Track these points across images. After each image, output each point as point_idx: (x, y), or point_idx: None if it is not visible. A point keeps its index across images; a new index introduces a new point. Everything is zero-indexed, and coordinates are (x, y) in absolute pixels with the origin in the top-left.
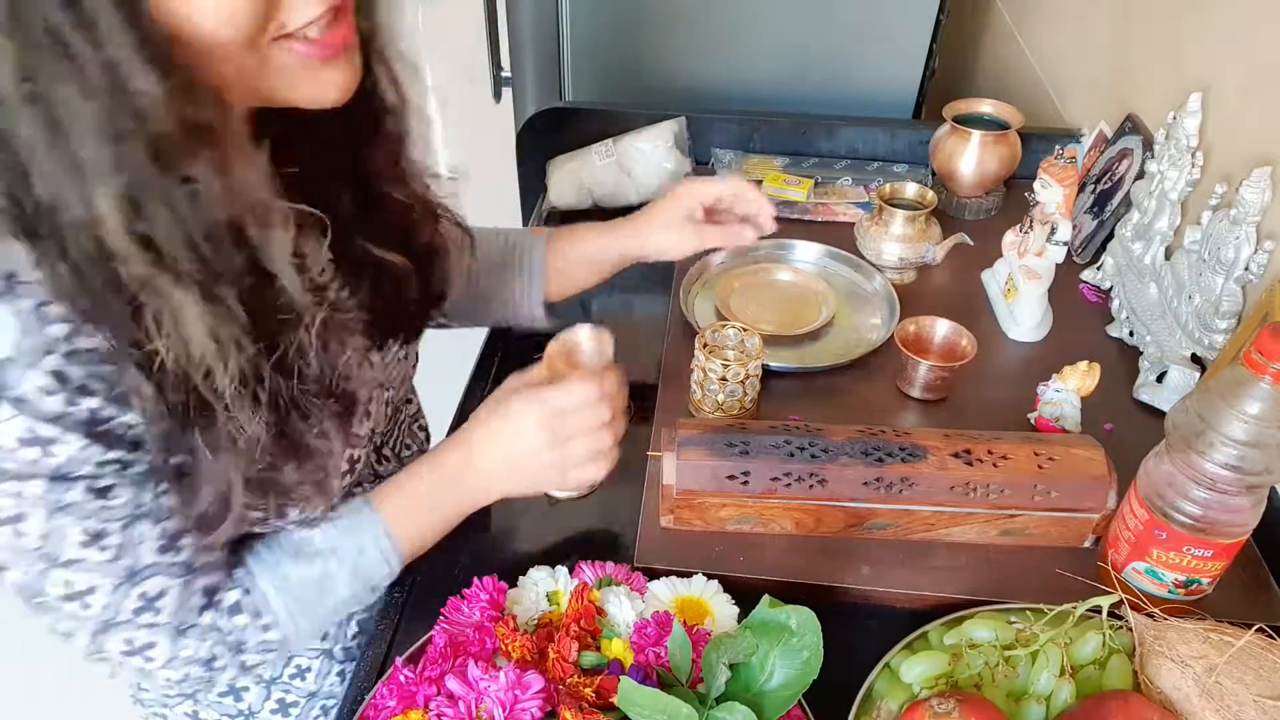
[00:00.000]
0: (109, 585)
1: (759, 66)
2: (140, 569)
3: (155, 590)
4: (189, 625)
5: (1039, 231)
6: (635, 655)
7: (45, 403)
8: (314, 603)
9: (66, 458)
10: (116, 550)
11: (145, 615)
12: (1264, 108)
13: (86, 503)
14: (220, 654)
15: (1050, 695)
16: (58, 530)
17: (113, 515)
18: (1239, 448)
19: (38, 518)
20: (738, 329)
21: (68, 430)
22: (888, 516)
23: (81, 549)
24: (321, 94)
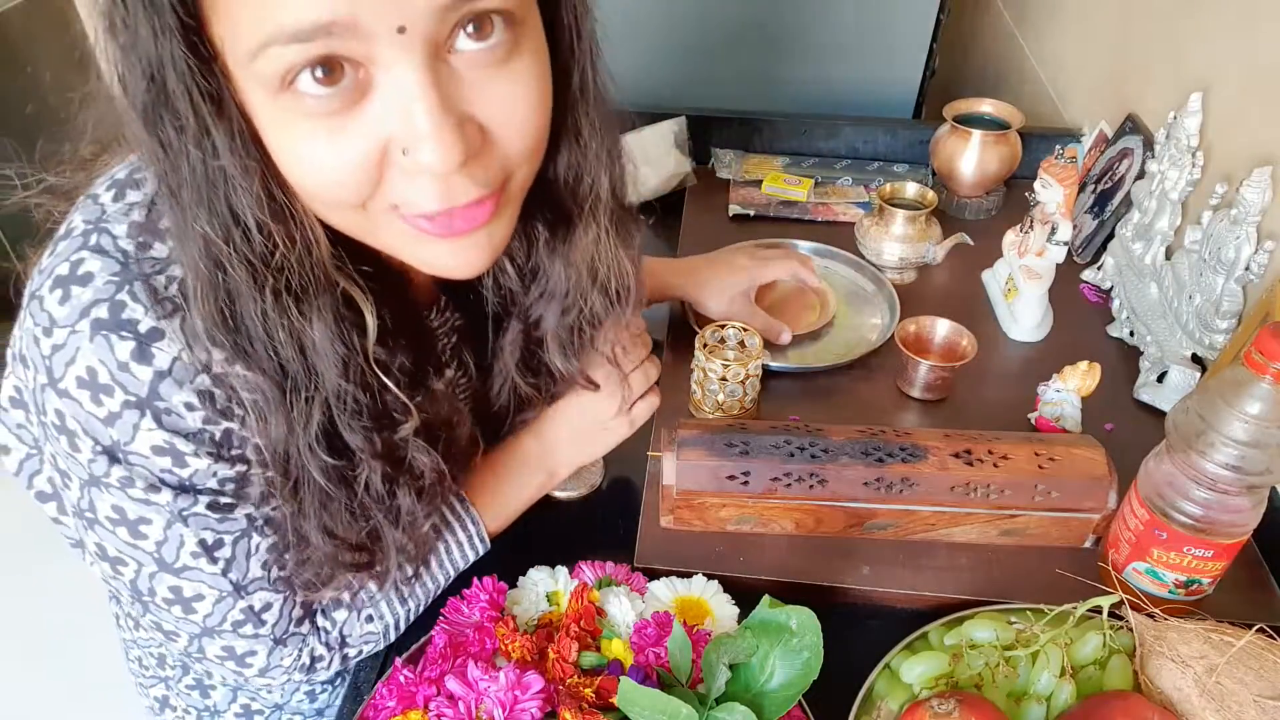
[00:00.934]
0: (214, 596)
1: (759, 66)
2: (246, 583)
3: (261, 604)
4: (289, 635)
5: (1039, 231)
6: (635, 655)
7: (188, 419)
8: (411, 593)
9: (194, 470)
10: (226, 563)
11: (248, 627)
12: (1265, 107)
13: (206, 515)
14: (323, 654)
15: (1051, 695)
16: (175, 537)
17: (228, 528)
18: (1239, 448)
19: (159, 523)
20: (738, 329)
21: (200, 446)
22: (888, 517)
23: (194, 559)
24: (441, 266)
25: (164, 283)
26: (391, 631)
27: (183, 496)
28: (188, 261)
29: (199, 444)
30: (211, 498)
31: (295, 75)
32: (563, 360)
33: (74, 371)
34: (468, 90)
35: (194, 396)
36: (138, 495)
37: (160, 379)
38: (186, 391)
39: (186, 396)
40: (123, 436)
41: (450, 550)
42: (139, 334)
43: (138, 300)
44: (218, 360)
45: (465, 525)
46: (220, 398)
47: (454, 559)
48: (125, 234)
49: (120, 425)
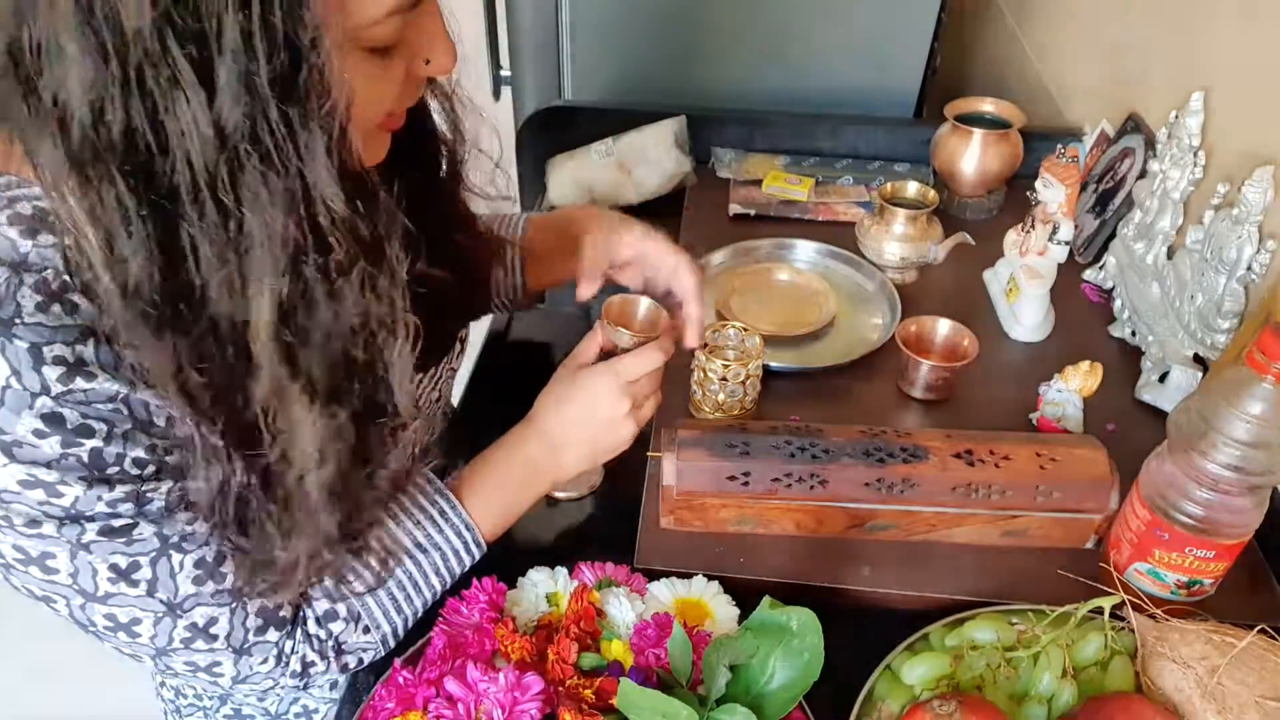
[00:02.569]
0: (150, 618)
1: (760, 66)
2: (180, 601)
3: (203, 619)
4: (249, 646)
5: (1041, 231)
6: (635, 657)
7: (41, 446)
8: (408, 601)
9: (73, 499)
10: (149, 584)
11: (199, 642)
12: (1266, 107)
13: (107, 541)
14: (315, 660)
15: (1052, 697)
16: (85, 567)
17: (140, 549)
18: (1241, 448)
19: (63, 556)
20: (738, 329)
21: (66, 473)
22: (889, 517)
23: (112, 585)
24: (375, 157)
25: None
26: (390, 639)
27: (70, 526)
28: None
29: (65, 471)
30: (104, 523)
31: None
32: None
33: None
34: None
35: (39, 422)
36: (26, 532)
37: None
38: (28, 419)
39: (31, 424)
40: None
41: (446, 556)
42: None
43: None
44: (54, 376)
45: (459, 530)
46: (71, 417)
47: (450, 565)
48: None
49: None
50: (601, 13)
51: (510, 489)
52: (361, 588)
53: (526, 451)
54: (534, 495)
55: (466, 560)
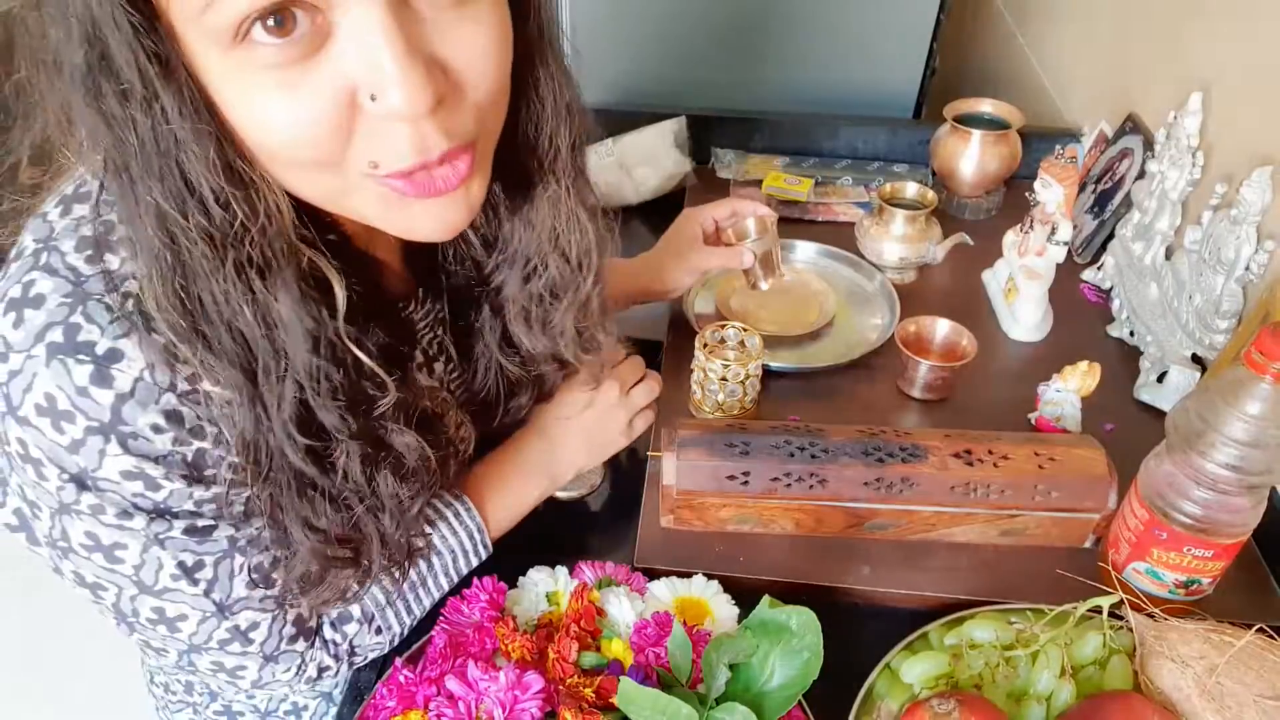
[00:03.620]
0: (198, 616)
1: (759, 66)
2: (231, 603)
3: (247, 624)
4: (280, 653)
5: (1039, 231)
6: (635, 655)
7: (155, 442)
8: (418, 601)
9: (168, 494)
10: (208, 584)
11: (235, 645)
12: (1265, 107)
13: (185, 539)
14: (329, 664)
15: (1051, 695)
16: (153, 560)
17: (210, 550)
18: (1239, 448)
19: (134, 548)
20: (738, 329)
21: (171, 469)
22: (888, 517)
23: (173, 581)
24: (420, 229)
25: (119, 300)
26: (398, 639)
27: (157, 521)
28: (142, 243)
29: (169, 467)
30: (189, 521)
31: (248, 26)
32: (526, 332)
33: (32, 399)
34: (431, 31)
35: (160, 418)
36: (110, 522)
37: (122, 402)
38: (152, 413)
39: (152, 418)
40: (89, 464)
41: (457, 558)
42: (96, 356)
43: (93, 321)
44: (183, 375)
45: (472, 533)
46: (189, 416)
47: (458, 565)
48: (74, 249)
49: (85, 452)
50: (601, 13)
51: (514, 490)
52: (380, 592)
53: (526, 453)
54: (536, 494)
55: (474, 561)
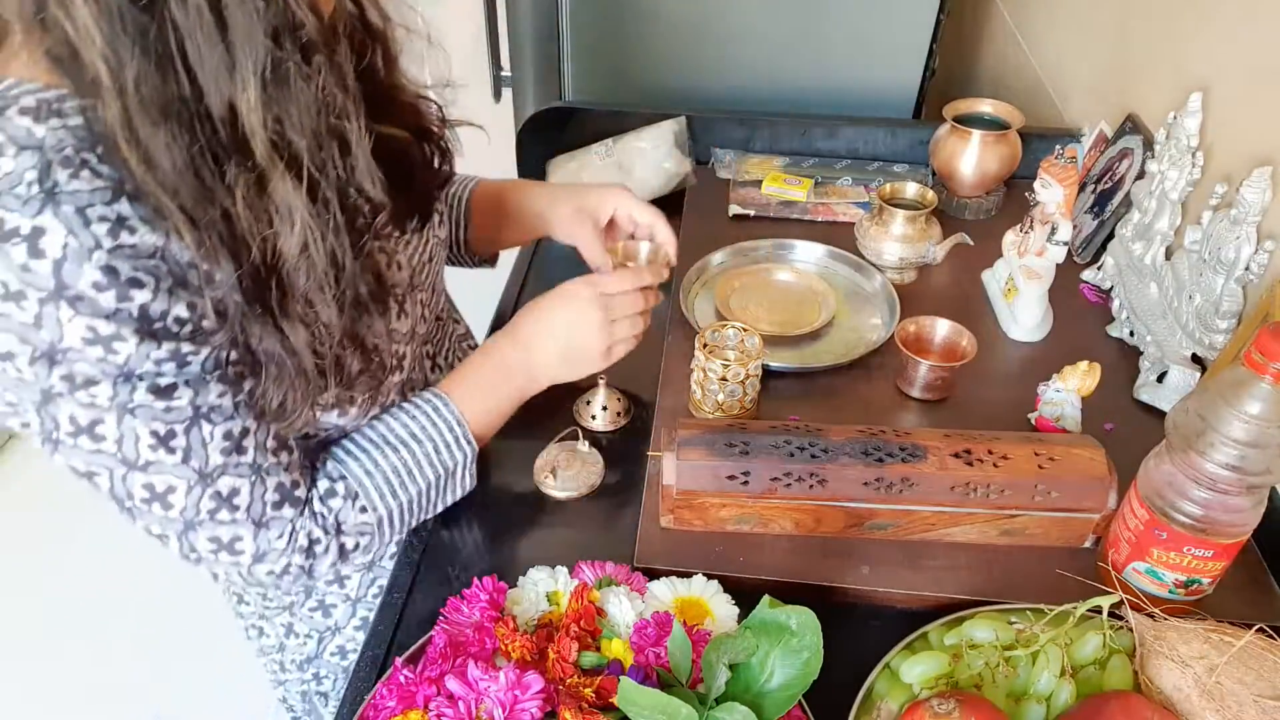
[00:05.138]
0: (184, 486)
1: (759, 66)
2: (210, 470)
3: (228, 489)
4: (268, 519)
5: (1039, 231)
6: (635, 655)
7: (100, 299)
8: (403, 487)
9: (126, 356)
10: (184, 452)
11: (223, 513)
12: (1264, 108)
13: (151, 403)
14: (320, 537)
15: (1051, 695)
16: (129, 433)
17: (176, 417)
18: (1239, 448)
19: (111, 422)
20: (738, 329)
21: (122, 326)
22: (888, 516)
23: (152, 451)
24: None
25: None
26: (385, 527)
27: (122, 386)
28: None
29: (120, 323)
30: (150, 382)
31: None
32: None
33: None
34: None
35: (98, 274)
36: (84, 399)
37: (59, 267)
38: (89, 271)
39: (91, 276)
40: (53, 336)
41: (439, 448)
42: (24, 236)
43: (10, 210)
44: (104, 232)
45: (451, 424)
46: (124, 270)
47: (442, 458)
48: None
49: (47, 324)
50: (601, 13)
51: (488, 392)
52: (358, 468)
53: (501, 355)
54: (512, 397)
55: (458, 456)
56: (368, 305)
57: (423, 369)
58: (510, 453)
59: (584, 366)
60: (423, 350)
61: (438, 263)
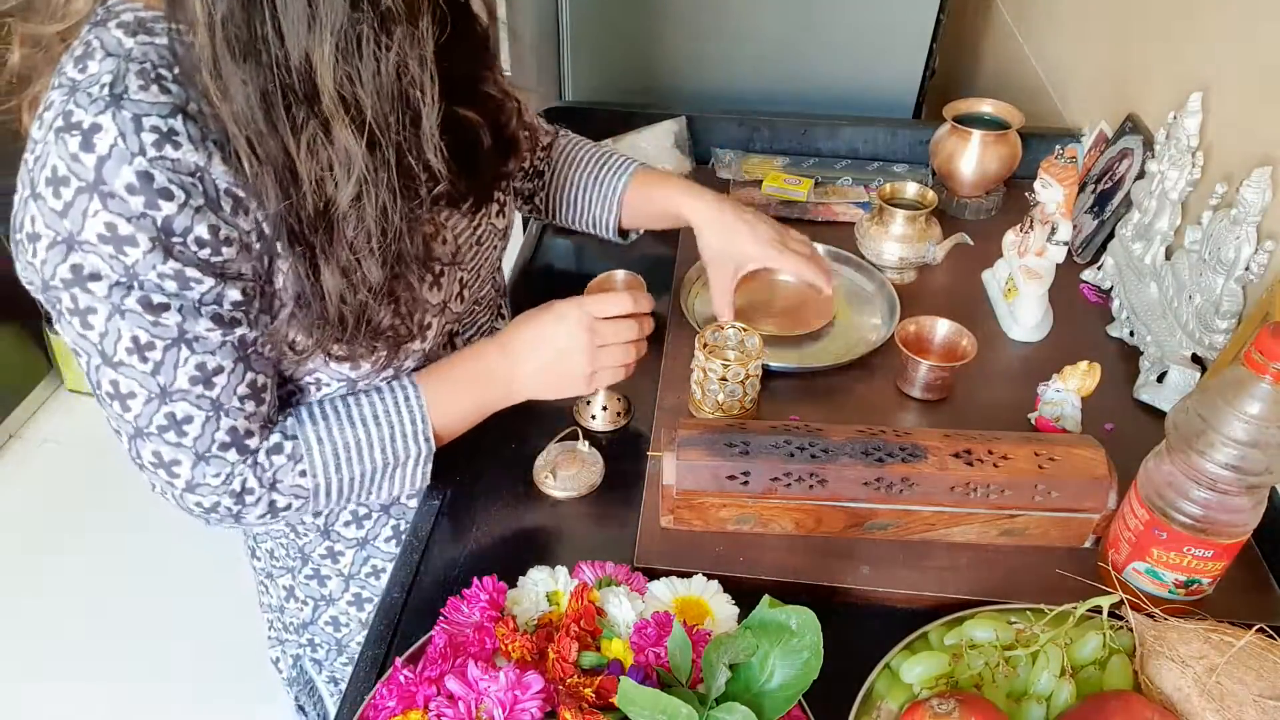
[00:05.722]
0: (143, 396)
1: (759, 66)
2: (171, 390)
3: (182, 414)
4: (209, 455)
5: (1039, 231)
6: (635, 655)
7: (130, 201)
8: (349, 462)
9: (135, 260)
10: (155, 365)
11: (170, 434)
12: (1265, 107)
13: (140, 313)
14: (254, 488)
15: (1051, 695)
16: (114, 330)
17: (160, 333)
18: (1239, 448)
19: (101, 315)
20: (738, 329)
21: (141, 231)
22: (888, 517)
23: (128, 354)
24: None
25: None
26: (321, 495)
27: (118, 289)
28: None
29: (139, 229)
30: (145, 294)
31: None
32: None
33: (44, 174)
34: None
35: (134, 178)
36: (87, 287)
37: (102, 163)
38: (126, 173)
39: (127, 178)
40: (75, 226)
41: (395, 435)
42: (83, 129)
43: (79, 105)
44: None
45: (414, 418)
46: (159, 179)
47: (395, 448)
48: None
49: (73, 214)
50: (601, 13)
51: (464, 393)
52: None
53: (486, 360)
54: (486, 404)
55: (412, 449)
56: (410, 266)
57: (439, 345)
58: (510, 453)
59: (566, 388)
60: (449, 327)
61: (488, 248)
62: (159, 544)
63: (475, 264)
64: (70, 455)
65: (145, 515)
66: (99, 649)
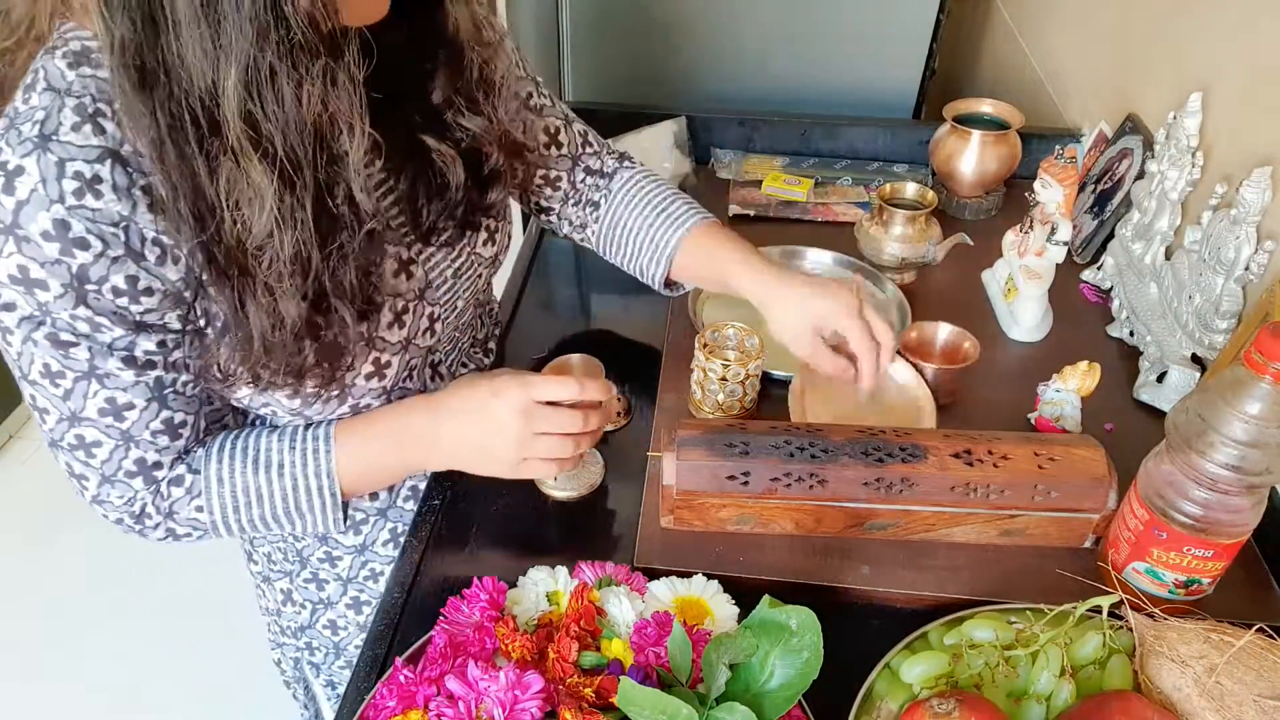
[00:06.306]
0: (55, 414)
1: (759, 66)
2: (81, 416)
3: (91, 439)
4: (117, 480)
5: (1039, 231)
6: (635, 655)
7: (45, 247)
8: (247, 506)
9: (44, 302)
10: (66, 393)
11: (80, 453)
12: (1264, 108)
13: (50, 347)
14: (152, 514)
15: (1050, 695)
16: (27, 353)
17: (71, 365)
18: (1239, 448)
19: (16, 339)
20: (738, 329)
21: (53, 277)
22: (888, 517)
23: (40, 377)
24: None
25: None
26: (220, 528)
27: (27, 323)
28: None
29: (52, 275)
30: (52, 330)
31: None
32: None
33: None
34: None
35: (49, 225)
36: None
37: (20, 208)
38: (43, 219)
39: (43, 225)
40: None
41: (297, 490)
42: (7, 170)
43: (9, 145)
44: (70, 190)
45: (320, 474)
46: (76, 229)
47: (299, 500)
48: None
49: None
50: (601, 13)
51: (380, 450)
52: (214, 471)
53: (412, 417)
54: (402, 465)
55: (316, 503)
56: (335, 305)
57: (422, 378)
58: None
59: (490, 468)
60: (427, 359)
61: (468, 279)
62: (159, 544)
63: (450, 297)
64: None
65: None
66: (100, 649)
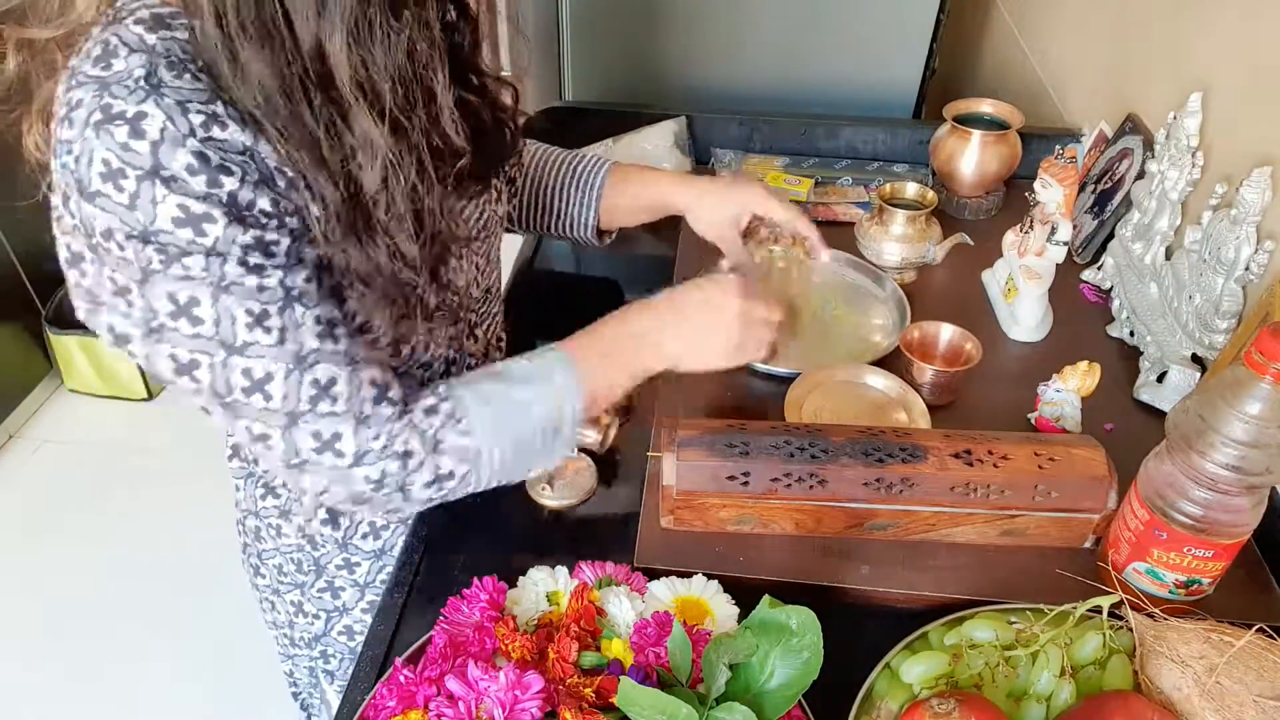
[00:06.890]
0: (282, 370)
1: (759, 66)
2: (306, 353)
3: (325, 377)
4: (366, 415)
5: (1039, 231)
6: (635, 655)
7: (192, 181)
8: (509, 421)
9: (215, 237)
10: (280, 333)
11: (323, 404)
12: (1265, 107)
13: (243, 279)
14: (416, 449)
15: (1050, 695)
16: (225, 312)
17: (270, 297)
18: (1239, 448)
19: (207, 300)
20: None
21: (212, 207)
22: (888, 517)
23: (249, 331)
24: None
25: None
26: (483, 463)
27: (213, 259)
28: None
29: (210, 205)
30: (238, 266)
31: None
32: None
33: (95, 170)
34: None
35: (191, 158)
36: (177, 272)
37: (156, 148)
38: (182, 154)
39: (185, 159)
40: (146, 217)
41: (550, 395)
42: (127, 119)
43: (116, 97)
44: (198, 123)
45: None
46: (214, 157)
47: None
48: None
49: (142, 205)
50: (601, 13)
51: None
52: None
53: (633, 324)
54: (639, 364)
55: (567, 411)
56: (448, 245)
57: (459, 335)
58: None
59: (713, 351)
60: (470, 317)
61: (491, 234)
62: (160, 544)
63: (486, 249)
64: (70, 455)
65: (146, 515)
66: (100, 649)
